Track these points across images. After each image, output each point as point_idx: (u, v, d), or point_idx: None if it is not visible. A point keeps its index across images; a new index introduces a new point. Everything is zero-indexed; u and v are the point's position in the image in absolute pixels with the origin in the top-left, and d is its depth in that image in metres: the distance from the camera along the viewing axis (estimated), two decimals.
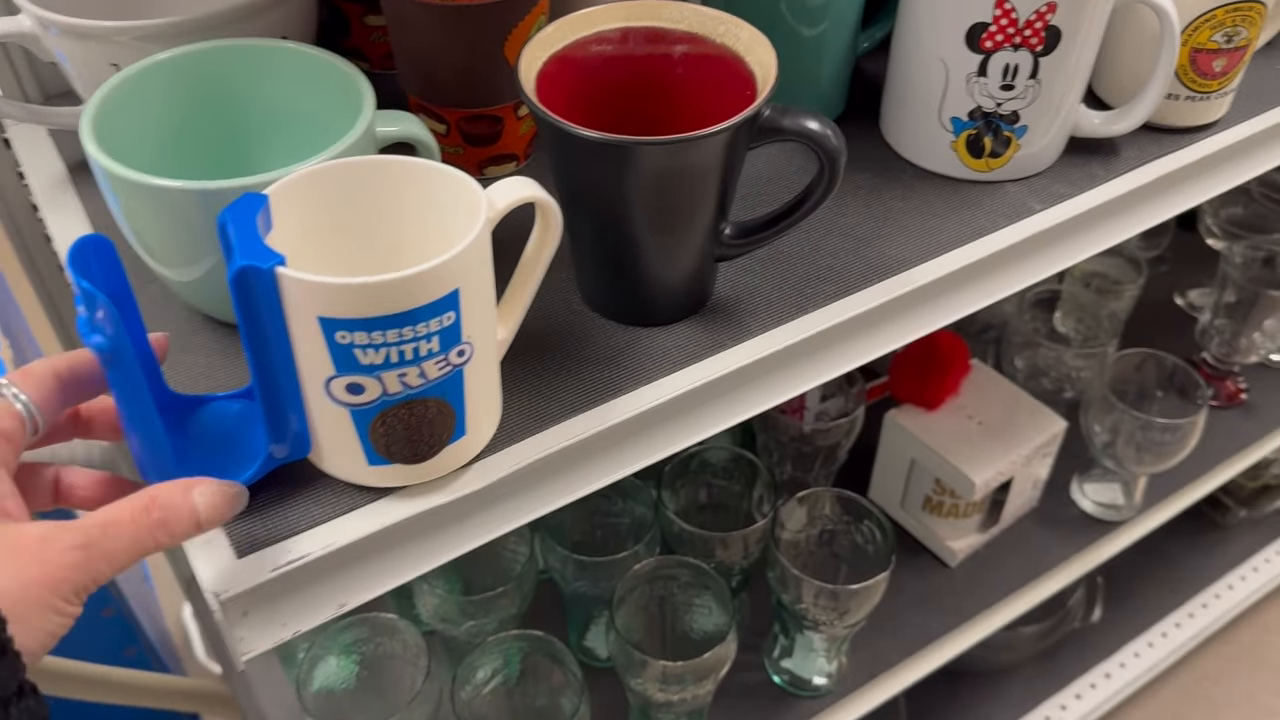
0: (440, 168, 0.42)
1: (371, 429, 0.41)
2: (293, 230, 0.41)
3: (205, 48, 0.50)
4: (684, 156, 0.44)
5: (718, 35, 0.48)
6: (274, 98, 0.51)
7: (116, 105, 0.48)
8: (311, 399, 0.41)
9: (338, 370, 0.39)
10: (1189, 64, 0.60)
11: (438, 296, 0.38)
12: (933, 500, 0.93)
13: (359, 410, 0.40)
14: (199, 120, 0.51)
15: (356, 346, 0.38)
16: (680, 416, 0.50)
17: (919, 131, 0.59)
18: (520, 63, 0.45)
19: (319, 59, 0.49)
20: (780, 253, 0.55)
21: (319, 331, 0.38)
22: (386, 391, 0.40)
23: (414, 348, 0.39)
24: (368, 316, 0.37)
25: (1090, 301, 1.02)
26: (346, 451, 0.42)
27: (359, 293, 0.37)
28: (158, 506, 0.37)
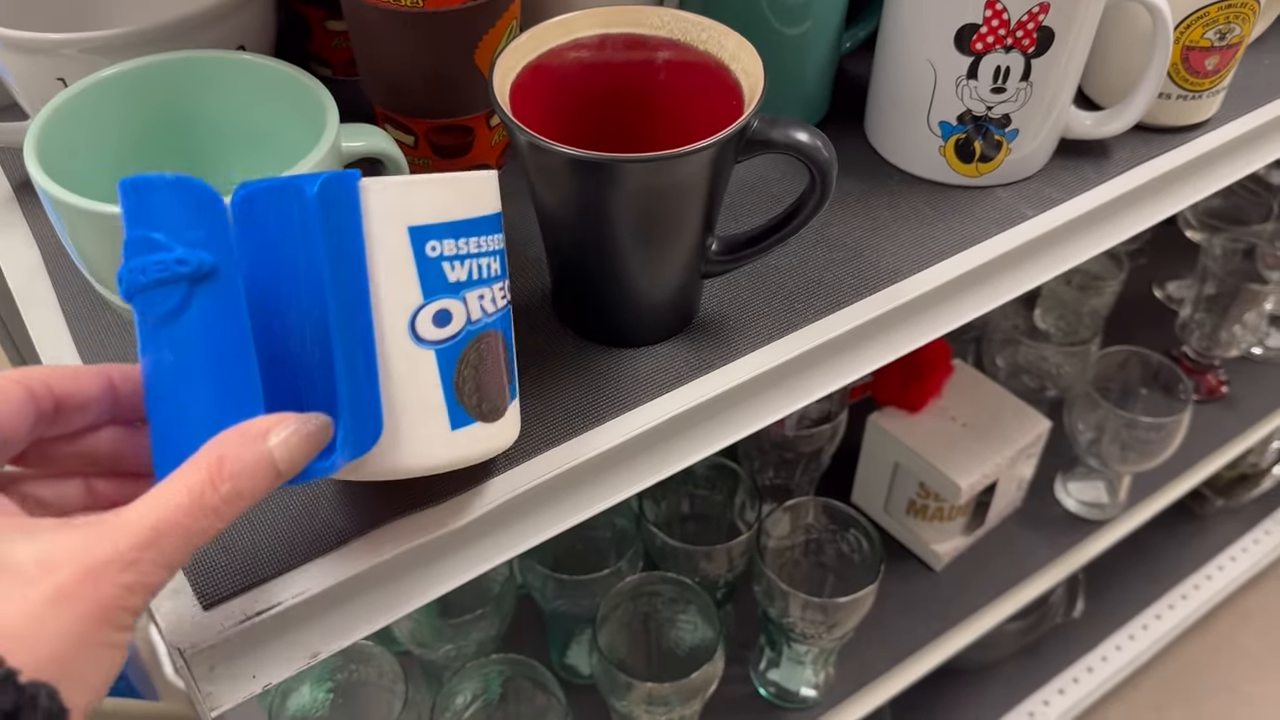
0: None
1: (458, 372, 0.37)
2: None
3: (156, 61, 0.47)
4: (669, 173, 0.42)
5: (701, 43, 0.46)
6: (231, 113, 0.48)
7: (63, 123, 0.45)
8: (385, 359, 0.35)
9: (425, 297, 0.35)
10: (1181, 62, 0.58)
11: (497, 207, 0.38)
12: (917, 504, 0.92)
13: (445, 348, 0.36)
14: (152, 138, 0.48)
15: (445, 259, 0.35)
16: (668, 441, 0.48)
17: (906, 136, 0.57)
18: (494, 74, 0.43)
19: (278, 71, 0.47)
20: (767, 266, 0.53)
21: (407, 247, 0.34)
22: (470, 318, 0.37)
23: (487, 264, 0.37)
24: (457, 219, 0.36)
25: (1071, 298, 1.01)
26: (426, 415, 0.36)
27: (452, 188, 0.35)
28: (226, 475, 0.29)
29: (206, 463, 0.29)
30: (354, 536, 0.41)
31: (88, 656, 0.27)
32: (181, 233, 0.30)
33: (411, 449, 0.37)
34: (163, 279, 0.30)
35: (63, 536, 0.28)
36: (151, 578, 0.28)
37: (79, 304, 0.50)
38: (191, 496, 0.29)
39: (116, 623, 0.27)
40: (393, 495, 0.42)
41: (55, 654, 0.26)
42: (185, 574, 0.40)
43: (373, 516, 0.42)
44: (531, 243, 0.52)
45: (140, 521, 0.28)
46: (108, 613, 0.27)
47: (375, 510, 0.42)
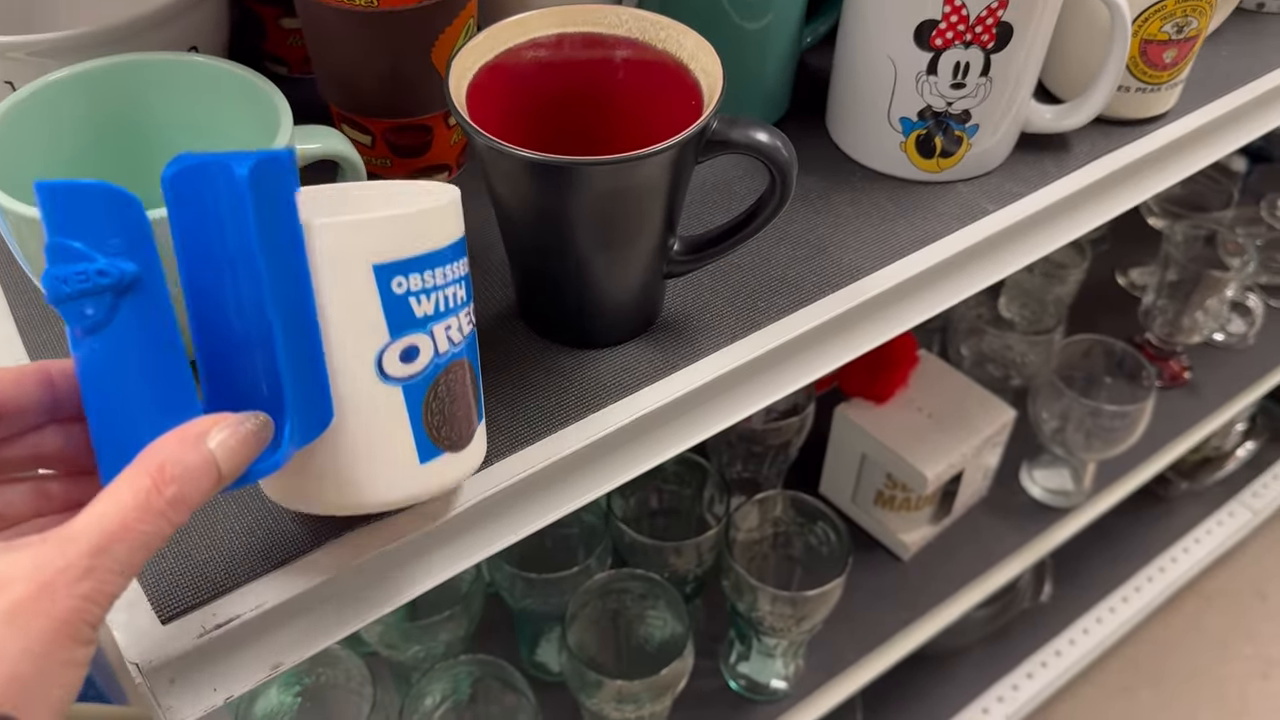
0: None
1: (425, 406, 0.36)
2: None
3: (106, 64, 0.46)
4: (628, 176, 0.42)
5: (659, 41, 0.45)
6: (184, 115, 0.47)
7: (11, 128, 0.44)
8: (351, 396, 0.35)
9: (392, 334, 0.35)
10: (1139, 55, 0.59)
11: (459, 233, 0.37)
12: (884, 495, 0.92)
13: (412, 384, 0.36)
14: (105, 142, 0.47)
15: (411, 295, 0.35)
16: (634, 442, 0.48)
17: (867, 132, 0.57)
18: (449, 75, 0.42)
19: (230, 73, 0.46)
20: (730, 264, 0.52)
21: (371, 285, 0.34)
22: (438, 351, 0.36)
23: (453, 292, 0.37)
24: (424, 252, 0.35)
25: (1034, 286, 1.01)
26: (395, 451, 0.36)
27: (417, 222, 0.34)
28: (168, 479, 0.29)
29: (148, 468, 0.29)
30: (314, 547, 0.40)
31: (48, 675, 0.26)
32: (102, 241, 0.29)
33: (379, 485, 0.37)
34: (85, 290, 0.30)
35: (10, 556, 0.27)
36: (109, 585, 0.28)
37: (31, 310, 0.49)
38: (137, 500, 0.28)
39: (77, 636, 0.27)
40: None
41: (14, 674, 0.25)
42: (142, 587, 0.39)
43: (334, 526, 0.41)
44: (494, 246, 0.52)
45: (89, 530, 0.28)
46: (67, 627, 0.26)
47: (336, 520, 0.41)
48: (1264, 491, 1.47)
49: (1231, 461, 1.46)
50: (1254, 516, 1.44)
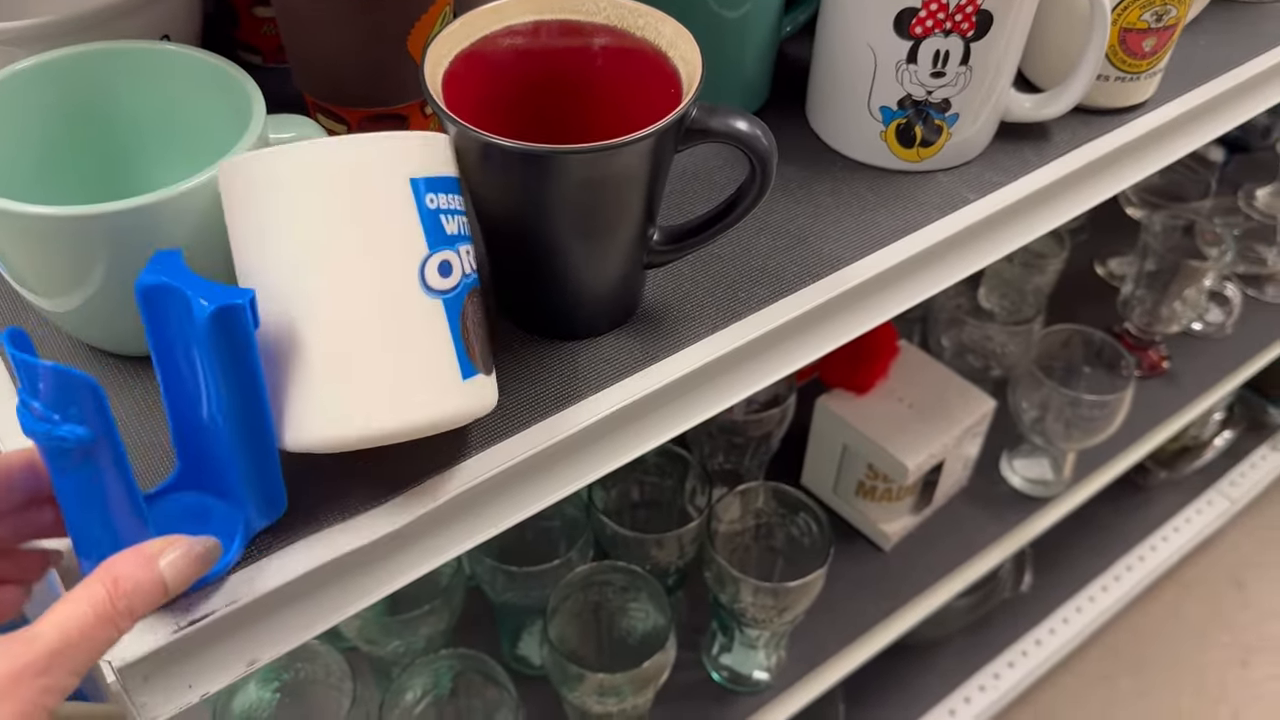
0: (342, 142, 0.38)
1: (461, 323, 0.38)
2: None
3: (76, 52, 0.45)
4: (607, 165, 0.41)
5: (638, 29, 0.45)
6: (156, 105, 0.47)
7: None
8: (392, 304, 0.36)
9: (430, 248, 0.37)
10: (1119, 44, 0.59)
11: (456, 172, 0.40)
12: (866, 485, 0.92)
13: (450, 298, 0.37)
14: (75, 133, 0.47)
15: (441, 212, 0.37)
16: (614, 434, 0.47)
17: (847, 121, 0.57)
18: (425, 63, 0.42)
19: (203, 61, 0.45)
20: (710, 255, 0.52)
21: (410, 198, 0.36)
22: (465, 271, 0.38)
23: (463, 222, 0.39)
24: (444, 174, 0.38)
25: (1014, 276, 1.01)
26: (442, 365, 0.37)
27: (436, 144, 0.38)
28: (121, 593, 0.33)
29: (104, 580, 0.34)
30: (287, 544, 0.40)
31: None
32: (62, 410, 0.33)
33: (432, 398, 0.38)
34: (49, 446, 0.34)
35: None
36: (63, 682, 0.32)
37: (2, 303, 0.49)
38: (95, 611, 0.33)
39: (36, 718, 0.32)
40: (329, 500, 0.41)
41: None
42: None
43: (308, 522, 0.41)
44: None
45: (51, 634, 0.32)
46: (29, 709, 0.31)
47: (310, 515, 0.41)
48: (1241, 480, 1.48)
49: (1210, 450, 1.47)
50: (1231, 505, 1.45)
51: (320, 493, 0.41)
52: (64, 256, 0.40)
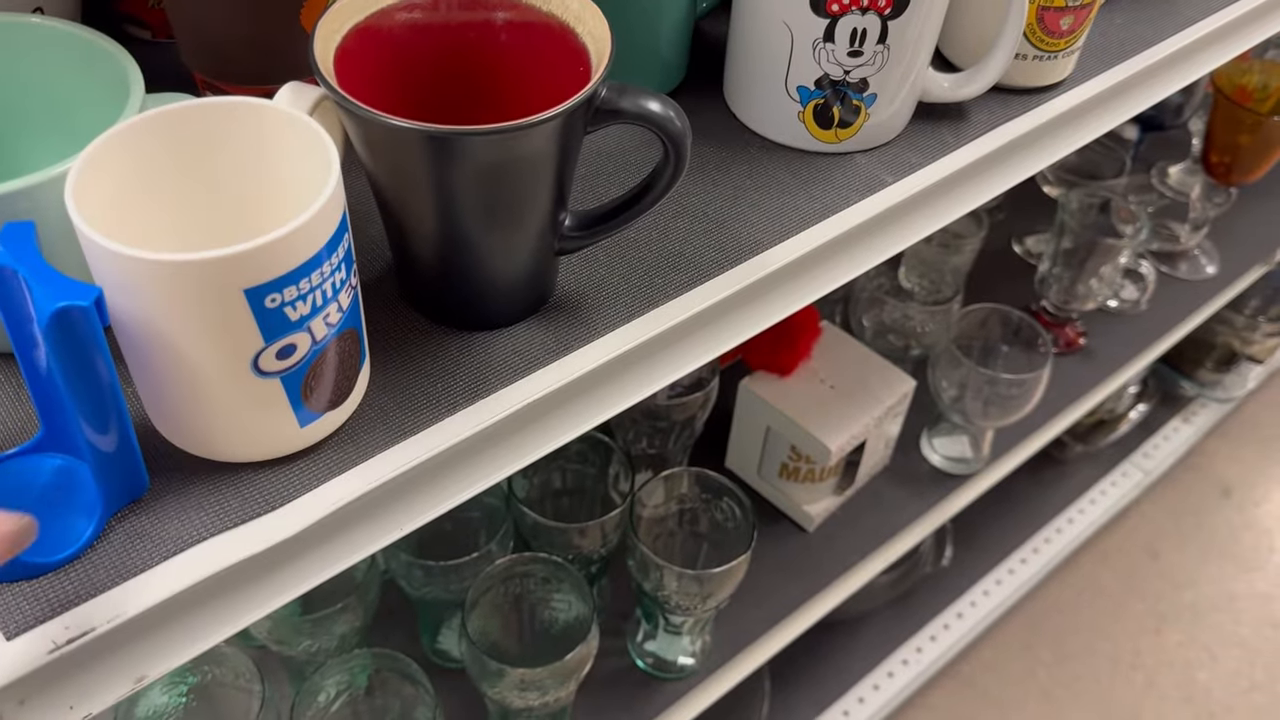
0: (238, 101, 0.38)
1: (304, 387, 0.38)
2: (103, 209, 0.35)
3: None
4: (513, 146, 0.39)
5: (544, 3, 0.43)
6: (27, 82, 0.43)
7: None
8: (221, 387, 0.37)
9: (267, 340, 0.36)
10: (1036, 22, 0.58)
11: (340, 219, 0.36)
12: (789, 467, 0.92)
13: (292, 372, 0.38)
14: None
15: (286, 305, 0.35)
16: (529, 427, 0.45)
17: (765, 101, 0.55)
18: (315, 39, 0.39)
19: (74, 35, 0.42)
20: (626, 239, 0.50)
21: (243, 306, 0.34)
22: (315, 340, 0.37)
23: (332, 284, 0.37)
24: (294, 268, 0.35)
25: (932, 256, 1.01)
26: (274, 424, 0.39)
27: (289, 243, 0.34)
28: None
29: None
30: (177, 552, 0.37)
31: None
32: None
33: (265, 447, 0.40)
34: None
35: None
36: None
37: None
38: None
39: None
40: (219, 503, 0.39)
41: None
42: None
43: (197, 529, 0.38)
44: (372, 220, 0.49)
45: None
46: None
47: (199, 521, 0.38)
48: (1154, 452, 1.51)
49: (1124, 424, 1.50)
50: (1145, 476, 1.48)
51: (208, 497, 0.39)
52: None
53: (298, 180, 0.38)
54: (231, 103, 0.38)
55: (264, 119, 0.39)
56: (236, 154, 0.39)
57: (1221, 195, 1.17)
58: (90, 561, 0.37)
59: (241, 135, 0.39)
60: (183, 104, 0.38)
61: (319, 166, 0.37)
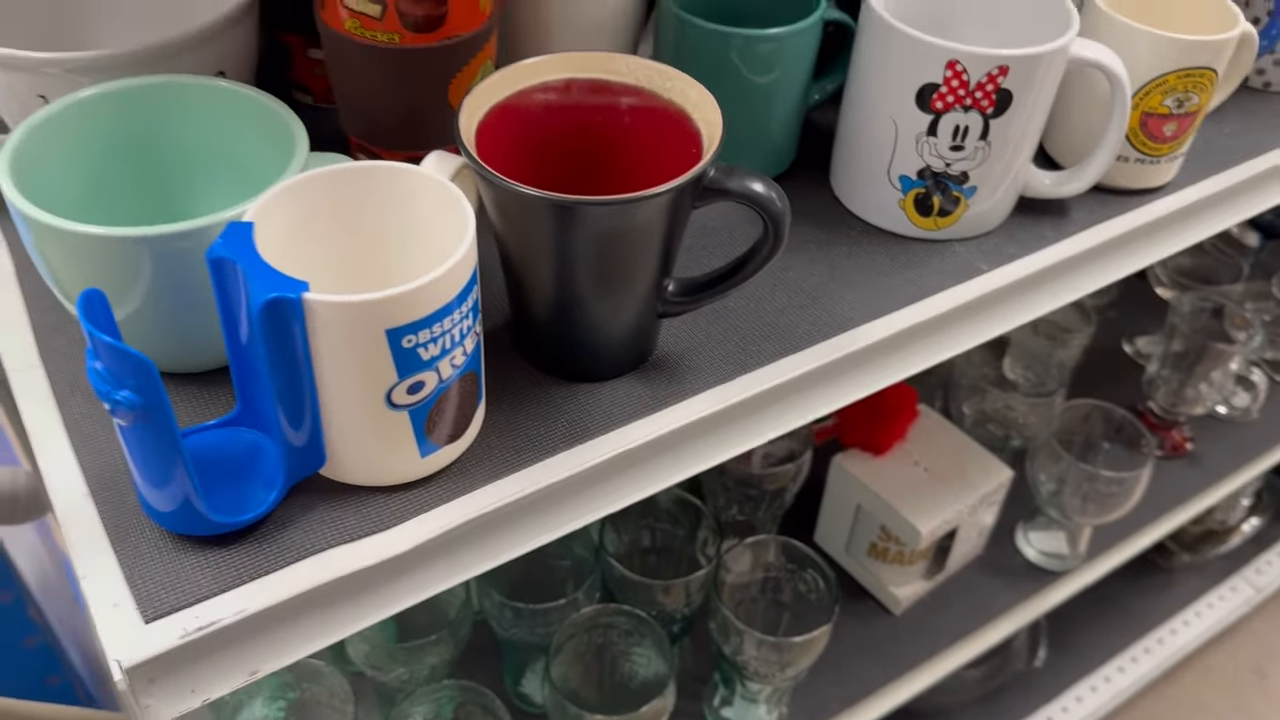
0: (390, 165, 0.44)
1: (428, 421, 0.43)
2: (272, 249, 0.41)
3: (134, 84, 0.48)
4: (627, 216, 0.43)
5: (665, 90, 0.47)
6: (205, 136, 0.49)
7: (39, 139, 0.46)
8: (357, 413, 0.42)
9: (400, 376, 0.40)
10: (1139, 127, 0.60)
11: (471, 274, 0.41)
12: (878, 546, 0.93)
13: (418, 407, 0.42)
14: (128, 157, 0.49)
15: (420, 345, 0.40)
16: (621, 475, 0.49)
17: (868, 188, 0.58)
18: (460, 112, 0.44)
19: (250, 97, 0.48)
20: (725, 308, 0.54)
21: (383, 344, 0.39)
22: (441, 379, 0.42)
23: (460, 329, 0.41)
24: (430, 313, 0.39)
25: (1039, 349, 1.02)
26: (398, 452, 0.43)
27: (428, 291, 0.39)
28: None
29: None
30: (296, 560, 0.42)
31: None
32: (120, 379, 0.36)
33: (389, 472, 0.45)
34: (109, 403, 0.37)
35: None
36: None
37: (47, 316, 0.51)
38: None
39: None
40: (339, 519, 0.43)
41: None
42: (129, 588, 0.40)
43: (317, 540, 0.42)
44: (493, 275, 0.53)
45: None
46: None
47: (320, 534, 0.42)
48: (1267, 569, 1.46)
49: (1236, 536, 1.45)
50: (1256, 593, 1.43)
51: (331, 513, 0.43)
52: (110, 274, 0.43)
53: (437, 237, 0.43)
54: (385, 167, 0.43)
55: (412, 182, 0.44)
56: (385, 210, 0.44)
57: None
58: (225, 561, 0.41)
59: (391, 195, 0.44)
60: (343, 165, 0.43)
61: (456, 226, 0.41)
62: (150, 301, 0.44)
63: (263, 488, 0.43)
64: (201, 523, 0.41)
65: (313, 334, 0.38)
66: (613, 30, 0.59)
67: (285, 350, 0.39)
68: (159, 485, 0.40)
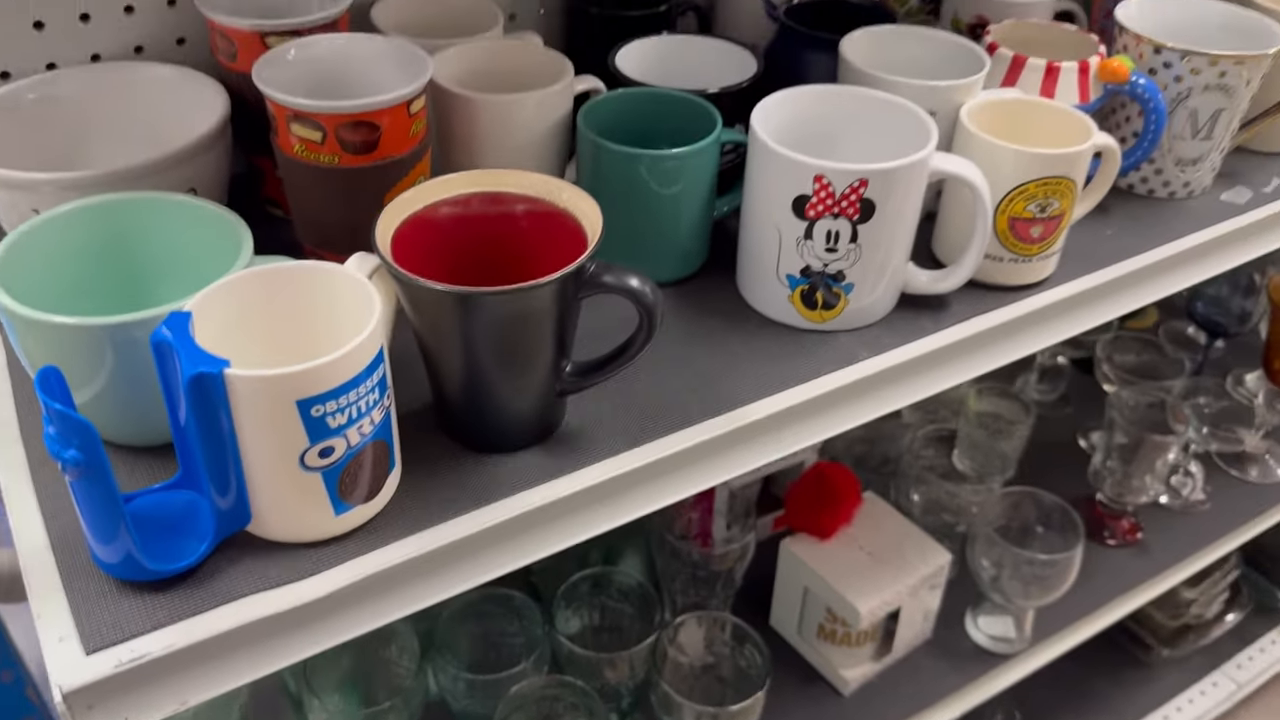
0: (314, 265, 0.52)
1: (340, 482, 0.49)
2: (211, 336, 0.48)
3: (106, 200, 0.56)
4: (517, 305, 0.51)
5: (558, 200, 0.55)
6: (169, 243, 0.57)
7: (28, 245, 0.54)
8: (275, 475, 0.48)
9: (311, 441, 0.47)
10: (1009, 230, 0.67)
11: (376, 353, 0.48)
12: (825, 628, 0.97)
13: (330, 469, 0.48)
14: (105, 260, 0.58)
15: (328, 414, 0.47)
16: (521, 534, 0.55)
17: (762, 285, 0.66)
18: (377, 224, 0.52)
19: (207, 210, 0.56)
20: (631, 389, 0.60)
21: (294, 413, 0.46)
22: (350, 445, 0.48)
23: (367, 401, 0.48)
24: (336, 386, 0.46)
25: (983, 440, 1.07)
26: (314, 510, 0.50)
27: (332, 367, 0.46)
28: None
29: None
30: (222, 603, 0.48)
31: None
32: (68, 440, 0.43)
33: (303, 529, 0.51)
34: (59, 460, 0.43)
35: None
36: None
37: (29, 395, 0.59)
38: None
39: None
40: (262, 569, 0.50)
41: None
42: (75, 624, 0.47)
43: (241, 587, 0.49)
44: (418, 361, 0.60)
45: None
46: None
47: (244, 581, 0.49)
48: (1248, 664, 1.47)
49: (1216, 629, 1.47)
50: (1238, 689, 1.44)
51: (255, 563, 0.50)
52: (77, 358, 0.50)
53: (354, 325, 0.50)
54: (310, 266, 0.51)
55: (333, 279, 0.51)
56: (311, 303, 0.52)
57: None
58: (156, 602, 0.48)
59: (315, 290, 0.52)
60: (274, 265, 0.51)
61: (367, 315, 0.49)
62: (111, 382, 0.51)
63: (196, 540, 0.49)
64: (140, 570, 0.48)
65: (234, 405, 0.46)
66: (538, 153, 0.68)
67: (211, 420, 0.46)
68: (105, 539, 0.47)
